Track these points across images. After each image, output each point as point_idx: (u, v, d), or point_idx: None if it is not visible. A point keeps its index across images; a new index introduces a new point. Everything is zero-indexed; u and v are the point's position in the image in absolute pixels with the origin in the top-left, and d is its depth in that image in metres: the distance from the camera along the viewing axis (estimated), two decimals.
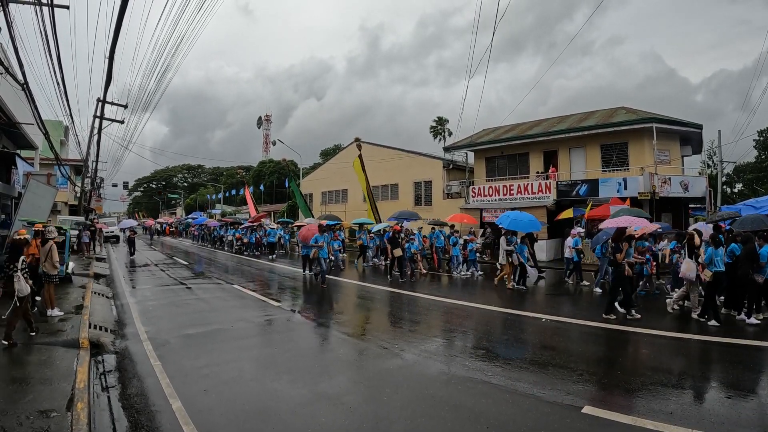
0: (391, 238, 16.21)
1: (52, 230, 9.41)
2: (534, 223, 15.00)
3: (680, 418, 4.66)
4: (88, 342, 7.29)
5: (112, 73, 13.89)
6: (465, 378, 5.92)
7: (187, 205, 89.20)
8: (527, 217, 14.99)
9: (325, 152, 75.66)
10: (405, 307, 11.29)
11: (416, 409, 4.99)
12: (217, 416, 4.82)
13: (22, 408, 4.68)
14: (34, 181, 14.37)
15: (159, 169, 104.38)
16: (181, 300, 12.01)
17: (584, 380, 5.83)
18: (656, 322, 9.07)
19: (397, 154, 35.63)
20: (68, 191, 31.50)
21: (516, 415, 4.81)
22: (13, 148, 19.84)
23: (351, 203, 38.11)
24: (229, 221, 36.65)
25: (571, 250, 14.68)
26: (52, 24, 10.82)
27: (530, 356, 7.13)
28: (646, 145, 21.59)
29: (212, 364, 6.57)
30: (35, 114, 14.49)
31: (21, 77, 12.05)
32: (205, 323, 9.23)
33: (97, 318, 9.13)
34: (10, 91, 14.34)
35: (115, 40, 11.30)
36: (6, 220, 16.32)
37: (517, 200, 24.08)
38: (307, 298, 12.86)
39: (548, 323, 9.21)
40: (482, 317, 10.04)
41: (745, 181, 45.39)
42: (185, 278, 16.15)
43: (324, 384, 5.77)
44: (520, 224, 14.46)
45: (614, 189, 20.78)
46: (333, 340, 8.16)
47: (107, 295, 12.41)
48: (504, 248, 13.67)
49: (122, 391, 5.67)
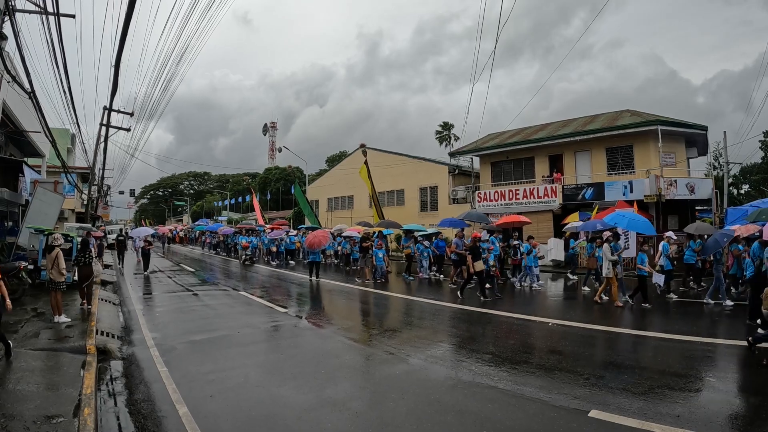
0: (473, 248, 12.87)
1: (57, 237, 9.46)
2: (649, 225, 13.03)
3: (687, 421, 4.60)
4: (95, 348, 7.30)
5: (118, 81, 14.00)
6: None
7: (193, 213, 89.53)
8: (640, 217, 13.43)
9: (331, 159, 75.78)
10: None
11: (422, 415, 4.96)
12: (223, 422, 4.82)
13: (29, 413, 4.68)
14: (41, 188, 14.51)
15: (165, 176, 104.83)
16: (187, 306, 12.03)
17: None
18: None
19: (403, 159, 35.68)
20: (75, 199, 31.70)
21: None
22: (21, 156, 20.06)
23: (357, 209, 38.16)
24: (245, 228, 34.18)
25: (663, 256, 12.77)
26: (59, 33, 10.95)
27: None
28: (652, 147, 21.53)
29: (218, 370, 6.56)
30: (42, 122, 14.60)
31: (28, 86, 12.18)
32: (212, 329, 9.24)
33: (104, 324, 9.15)
34: (17, 100, 14.51)
35: (120, 49, 11.39)
36: (13, 227, 16.46)
37: (523, 204, 24.06)
38: (314, 304, 12.85)
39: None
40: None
41: (751, 182, 45.05)
42: (191, 285, 16.18)
43: (330, 390, 5.75)
44: (639, 225, 12.64)
45: (620, 192, 20.71)
46: (339, 345, 8.13)
47: (114, 302, 12.44)
48: (608, 258, 11.46)
49: (129, 397, 5.67)
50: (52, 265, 8.97)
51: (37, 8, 11.19)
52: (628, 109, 25.84)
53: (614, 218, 13.10)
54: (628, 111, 25.46)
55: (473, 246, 12.89)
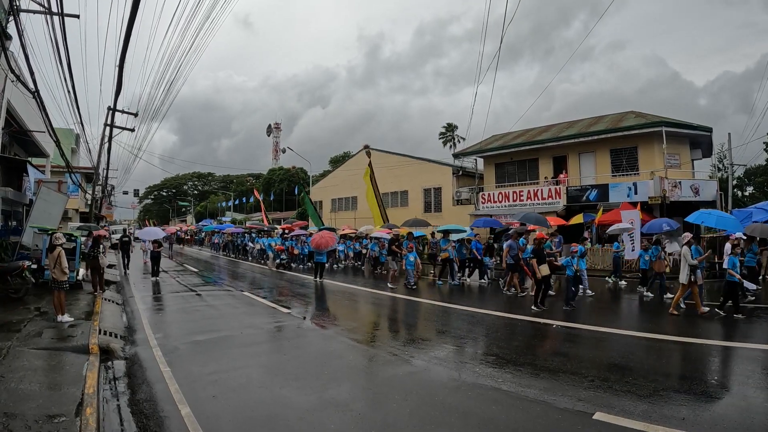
0: (537, 250, 11.40)
1: (59, 237, 9.46)
2: (737, 223, 12.03)
3: (693, 424, 4.56)
4: (97, 348, 7.29)
5: (122, 81, 14.00)
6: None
7: (197, 213, 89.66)
8: (727, 215, 12.46)
9: (335, 160, 75.86)
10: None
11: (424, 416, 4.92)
12: (225, 422, 4.79)
13: (32, 412, 4.67)
14: (45, 188, 14.52)
15: (169, 176, 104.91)
16: (191, 306, 12.02)
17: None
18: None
19: (407, 160, 35.68)
20: (79, 198, 31.75)
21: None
22: (25, 155, 20.10)
23: (361, 210, 38.17)
24: (255, 228, 33.09)
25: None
26: (63, 33, 10.97)
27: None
28: (656, 149, 21.47)
29: (221, 370, 6.54)
30: (46, 122, 14.64)
31: (32, 85, 12.20)
32: (215, 330, 9.22)
33: (107, 324, 9.14)
34: (21, 100, 14.54)
35: (125, 49, 11.39)
36: (17, 226, 16.49)
37: (527, 206, 24.01)
38: (318, 305, 12.83)
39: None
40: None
41: (756, 184, 44.88)
42: (195, 285, 16.17)
43: (332, 390, 5.72)
44: (728, 223, 11.68)
45: (624, 194, 20.64)
46: (342, 346, 8.09)
47: (117, 302, 12.45)
48: (689, 262, 10.14)
49: (131, 397, 5.66)
50: (55, 264, 8.97)
51: (41, 8, 11.22)
52: (633, 111, 25.79)
53: (700, 216, 12.21)
54: (633, 112, 25.41)
55: (538, 248, 11.43)
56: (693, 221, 12.72)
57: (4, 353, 6.59)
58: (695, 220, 12.58)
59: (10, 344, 7.10)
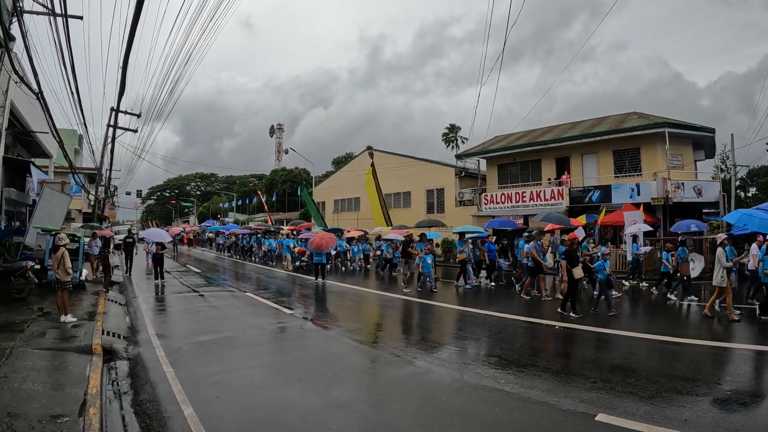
0: (569, 252, 10.80)
1: (63, 237, 9.48)
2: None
3: (695, 425, 4.55)
4: (101, 348, 7.30)
5: (125, 82, 14.03)
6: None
7: (200, 214, 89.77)
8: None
9: (337, 160, 75.86)
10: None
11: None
12: (228, 423, 4.80)
13: (35, 412, 4.67)
14: (48, 188, 14.56)
15: (172, 177, 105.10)
16: (193, 307, 12.04)
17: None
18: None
19: (409, 161, 35.62)
20: (82, 199, 31.81)
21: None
22: (28, 156, 20.15)
23: (363, 211, 38.12)
24: (262, 229, 32.43)
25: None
26: (66, 34, 11.00)
27: None
28: (659, 150, 21.40)
29: (224, 371, 6.55)
30: (49, 123, 14.68)
31: (35, 86, 12.24)
32: (218, 330, 9.23)
33: (110, 324, 9.16)
34: (24, 100, 14.57)
35: (128, 50, 11.41)
36: (20, 227, 16.53)
37: (530, 207, 23.97)
38: (320, 305, 12.83)
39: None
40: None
41: (759, 185, 44.82)
42: (198, 286, 16.19)
43: (335, 391, 5.73)
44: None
45: (627, 195, 20.57)
46: (345, 347, 8.09)
47: (120, 302, 12.47)
48: (723, 264, 9.77)
49: (134, 397, 5.66)
50: (58, 264, 8.99)
51: (44, 9, 11.25)
52: (635, 111, 25.70)
53: (742, 218, 11.45)
54: (635, 113, 25.33)
55: (570, 250, 10.83)
56: (733, 223, 11.97)
57: (7, 353, 6.61)
58: (736, 222, 11.75)
59: (13, 344, 7.12)
